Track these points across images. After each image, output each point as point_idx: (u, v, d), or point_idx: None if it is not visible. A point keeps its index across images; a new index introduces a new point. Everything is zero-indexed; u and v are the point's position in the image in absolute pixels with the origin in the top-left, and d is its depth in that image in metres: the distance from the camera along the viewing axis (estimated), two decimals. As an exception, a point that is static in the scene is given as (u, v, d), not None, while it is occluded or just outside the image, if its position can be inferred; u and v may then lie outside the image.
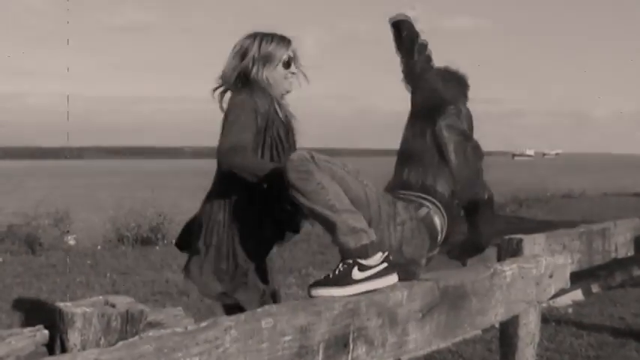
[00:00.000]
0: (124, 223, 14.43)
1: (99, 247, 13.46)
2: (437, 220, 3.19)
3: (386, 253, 2.88)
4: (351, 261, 2.81)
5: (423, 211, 3.15)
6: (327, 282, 2.78)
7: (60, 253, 12.49)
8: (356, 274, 2.79)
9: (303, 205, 2.86)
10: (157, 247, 13.40)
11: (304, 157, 2.85)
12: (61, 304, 2.18)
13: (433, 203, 3.19)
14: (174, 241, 4.07)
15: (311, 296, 2.78)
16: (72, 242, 13.80)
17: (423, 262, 3.15)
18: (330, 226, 2.86)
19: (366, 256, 2.82)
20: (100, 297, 2.30)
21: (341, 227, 2.83)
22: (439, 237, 3.23)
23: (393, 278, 2.87)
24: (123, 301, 2.28)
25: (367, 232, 2.86)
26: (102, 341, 2.16)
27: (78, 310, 2.14)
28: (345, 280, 2.77)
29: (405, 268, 3.01)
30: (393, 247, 3.01)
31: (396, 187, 3.31)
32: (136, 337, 2.16)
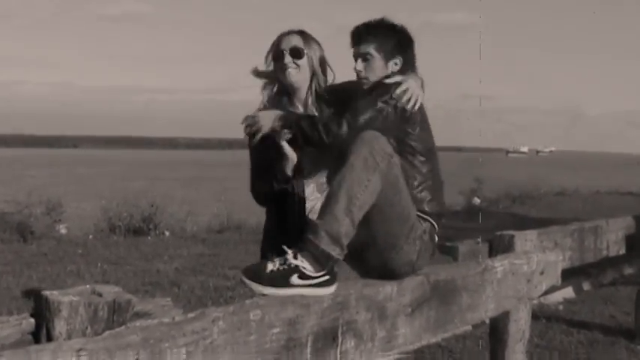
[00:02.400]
0: (116, 213, 14.40)
1: (90, 236, 13.42)
2: (435, 236, 3.19)
3: (330, 267, 2.78)
4: (294, 265, 2.72)
5: (427, 225, 3.13)
6: (261, 277, 2.69)
7: (51, 241, 12.46)
8: (295, 279, 2.69)
9: (341, 173, 2.82)
10: (149, 238, 13.38)
11: (386, 150, 2.85)
12: (47, 293, 2.16)
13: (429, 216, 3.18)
14: None
15: (242, 281, 2.74)
16: (64, 231, 13.76)
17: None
18: (329, 209, 2.79)
19: (317, 267, 2.72)
20: (88, 286, 2.29)
21: (333, 225, 2.75)
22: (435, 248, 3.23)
23: (329, 290, 2.73)
24: (110, 291, 2.26)
25: (342, 250, 2.77)
26: (88, 330, 2.14)
27: (64, 298, 2.13)
28: (281, 281, 2.68)
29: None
30: (412, 260, 3.00)
31: None
32: (123, 327, 2.14)
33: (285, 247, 2.82)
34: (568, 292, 7.95)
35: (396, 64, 3.32)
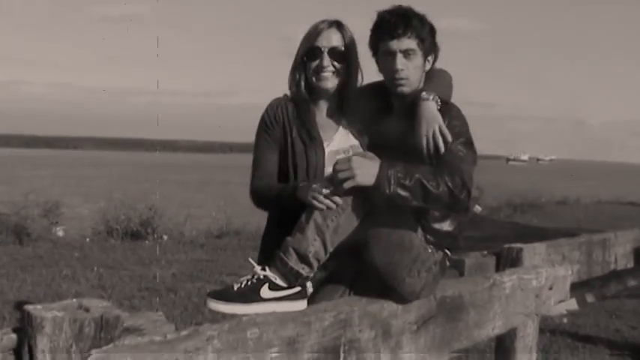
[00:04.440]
0: (114, 216, 14.29)
1: (87, 239, 13.31)
2: (447, 262, 3.01)
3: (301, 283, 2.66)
4: (262, 276, 2.60)
5: (440, 255, 2.94)
6: (229, 295, 2.56)
7: (48, 244, 12.36)
8: (265, 291, 2.57)
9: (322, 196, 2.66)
10: (147, 242, 13.26)
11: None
12: (30, 307, 2.01)
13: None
14: None
15: (208, 306, 2.58)
16: (60, 233, 13.65)
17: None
18: (301, 226, 2.66)
19: (288, 283, 2.60)
20: (74, 300, 2.15)
21: (302, 244, 2.63)
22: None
23: (302, 304, 2.61)
24: (98, 305, 2.12)
25: (311, 269, 2.65)
26: (73, 348, 2.00)
27: (48, 314, 1.98)
28: (251, 296, 2.55)
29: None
30: (415, 292, 2.79)
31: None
32: (110, 345, 2.01)
33: (251, 261, 2.70)
34: (571, 304, 7.82)
35: (429, 61, 3.03)
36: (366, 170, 2.65)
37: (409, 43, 2.92)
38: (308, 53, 3.10)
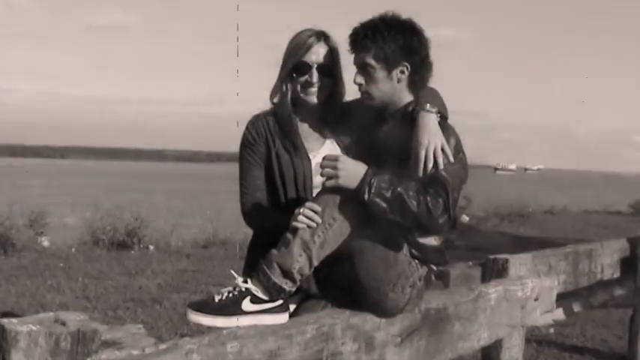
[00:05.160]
0: (100, 226, 14.19)
1: (73, 249, 13.20)
2: (432, 277, 2.97)
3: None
4: (244, 289, 2.56)
5: (424, 270, 2.90)
6: (210, 307, 2.51)
7: (33, 254, 12.24)
8: (247, 304, 2.52)
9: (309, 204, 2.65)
10: (133, 252, 13.17)
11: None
12: (5, 321, 1.97)
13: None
14: None
15: (188, 317, 2.54)
16: (46, 244, 13.55)
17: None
18: (286, 241, 2.61)
19: (270, 297, 2.56)
20: (51, 313, 2.11)
21: (287, 260, 2.58)
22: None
23: (284, 317, 2.58)
24: (75, 319, 2.07)
25: (294, 283, 2.61)
26: (49, 363, 1.96)
27: (23, 328, 1.94)
28: (232, 309, 2.50)
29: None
30: (399, 307, 2.75)
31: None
32: (87, 360, 1.96)
33: (233, 272, 2.67)
34: (558, 313, 7.79)
35: (402, 72, 2.88)
36: (351, 173, 2.64)
37: (364, 57, 2.87)
38: (297, 68, 3.07)
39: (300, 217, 2.62)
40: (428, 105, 2.86)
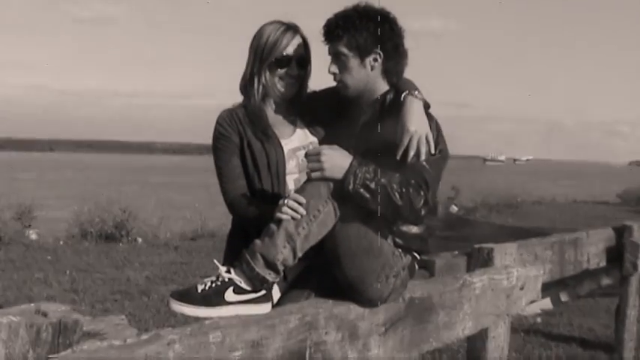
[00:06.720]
0: (88, 219, 14.17)
1: (61, 242, 13.18)
2: (416, 266, 2.98)
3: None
4: (227, 279, 2.55)
5: (408, 259, 2.89)
6: (192, 297, 2.50)
7: (20, 247, 12.21)
8: (229, 295, 2.51)
9: (292, 192, 2.66)
10: (121, 244, 13.15)
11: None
12: (-15, 312, 1.97)
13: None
14: None
15: (171, 307, 2.54)
16: (34, 237, 13.52)
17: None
18: (270, 233, 2.60)
19: (253, 287, 2.55)
20: (32, 304, 2.10)
21: (270, 251, 2.57)
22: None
23: (266, 307, 2.57)
24: (56, 310, 2.07)
25: (277, 274, 2.60)
26: (30, 354, 1.95)
27: (3, 319, 1.93)
28: (215, 299, 2.48)
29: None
30: (383, 297, 2.75)
31: None
32: (69, 351, 1.96)
33: (216, 262, 2.66)
34: (546, 303, 7.83)
35: (375, 59, 2.90)
36: (336, 164, 2.65)
37: (337, 46, 2.89)
38: (279, 62, 3.08)
39: (285, 209, 2.61)
40: (416, 92, 2.87)
